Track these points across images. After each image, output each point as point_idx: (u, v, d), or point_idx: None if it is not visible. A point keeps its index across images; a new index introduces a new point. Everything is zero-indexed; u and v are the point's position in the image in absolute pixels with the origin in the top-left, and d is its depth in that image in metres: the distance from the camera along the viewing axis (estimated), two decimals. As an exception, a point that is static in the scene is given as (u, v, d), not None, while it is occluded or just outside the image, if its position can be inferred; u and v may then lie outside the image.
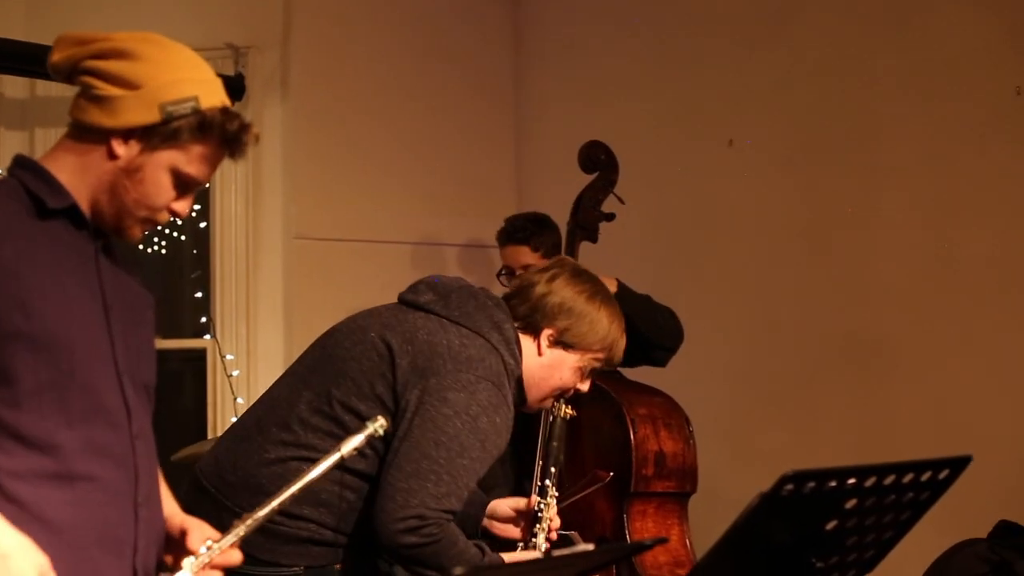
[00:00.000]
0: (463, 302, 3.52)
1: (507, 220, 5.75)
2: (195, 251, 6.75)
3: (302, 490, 2.70)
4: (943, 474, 2.54)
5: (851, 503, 2.45)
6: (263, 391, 6.37)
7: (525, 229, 5.57)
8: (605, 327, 3.55)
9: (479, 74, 7.24)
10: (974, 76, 5.55)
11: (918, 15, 5.74)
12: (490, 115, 7.27)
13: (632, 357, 4.09)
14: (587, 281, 3.61)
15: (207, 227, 6.63)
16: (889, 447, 5.61)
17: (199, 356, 6.55)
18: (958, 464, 2.54)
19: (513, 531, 3.68)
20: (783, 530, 2.45)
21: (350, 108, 6.75)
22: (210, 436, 6.39)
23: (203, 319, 6.55)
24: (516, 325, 3.52)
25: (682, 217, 6.44)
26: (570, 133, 6.77)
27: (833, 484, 2.38)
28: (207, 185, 6.49)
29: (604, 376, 4.56)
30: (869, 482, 2.44)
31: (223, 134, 2.65)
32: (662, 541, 2.94)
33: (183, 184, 2.69)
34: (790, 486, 2.31)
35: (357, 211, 6.70)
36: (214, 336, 6.39)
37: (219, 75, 5.68)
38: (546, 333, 3.52)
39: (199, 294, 6.60)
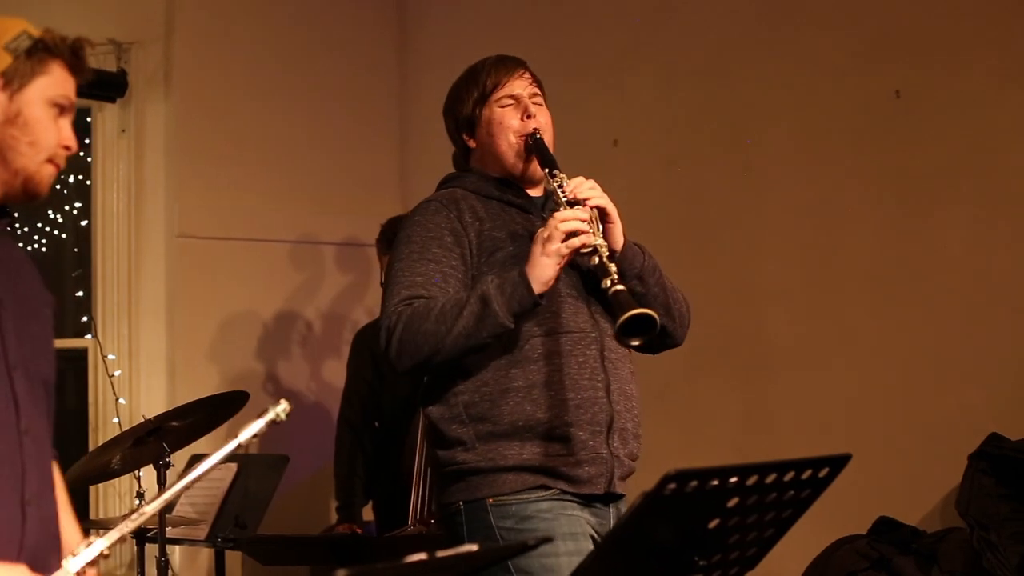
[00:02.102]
0: None
1: (387, 227, 5.73)
2: (76, 249, 6.67)
3: (194, 484, 2.61)
4: (823, 472, 2.56)
5: (733, 501, 2.46)
6: (145, 391, 6.38)
7: None
8: None
9: (364, 72, 7.22)
10: (854, 78, 5.62)
11: (797, 18, 5.81)
12: (374, 113, 7.26)
13: None
14: None
15: (88, 225, 6.55)
16: (771, 445, 5.67)
17: (80, 356, 6.46)
18: (838, 462, 2.56)
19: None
20: (666, 529, 2.46)
21: (233, 105, 6.69)
22: (91, 436, 6.31)
23: (84, 318, 6.46)
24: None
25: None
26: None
27: (715, 483, 2.39)
28: (88, 183, 6.42)
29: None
30: (751, 481, 2.45)
31: (59, 47, 2.71)
32: (547, 540, 2.93)
33: (61, 110, 2.68)
34: (673, 485, 2.32)
35: (241, 209, 6.65)
36: (95, 336, 6.30)
37: (101, 71, 5.62)
38: None
39: (80, 293, 6.52)
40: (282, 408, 2.70)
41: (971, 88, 5.36)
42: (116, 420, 6.14)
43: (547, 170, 3.54)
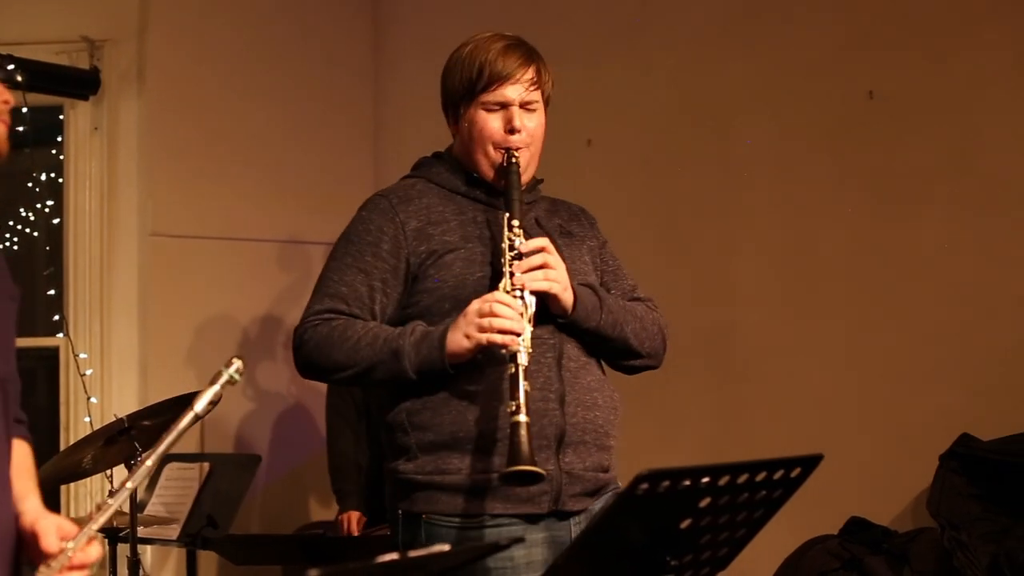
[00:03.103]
0: None
1: None
2: (48, 247, 6.64)
3: (162, 458, 2.59)
4: (795, 472, 2.56)
5: (705, 502, 2.46)
6: (117, 390, 6.36)
7: None
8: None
9: (338, 69, 7.21)
10: (828, 79, 5.64)
11: (771, 18, 5.82)
12: (349, 111, 7.25)
13: None
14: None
15: (60, 223, 6.52)
16: (745, 445, 5.68)
17: (52, 354, 6.44)
18: (810, 463, 2.57)
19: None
20: (638, 529, 2.46)
21: (207, 103, 6.68)
22: (62, 435, 6.29)
23: (56, 317, 6.44)
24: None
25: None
26: (428, 131, 6.73)
27: (687, 483, 2.39)
28: (60, 180, 6.40)
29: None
30: (723, 481, 2.45)
31: None
32: (519, 540, 2.93)
33: None
34: (645, 485, 2.32)
35: (214, 208, 6.64)
36: (67, 334, 6.29)
37: (74, 68, 5.59)
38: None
39: (52, 291, 6.50)
40: (234, 368, 2.62)
41: (944, 89, 5.37)
42: (87, 419, 6.12)
43: (506, 216, 3.36)
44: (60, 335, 6.38)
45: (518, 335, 3.16)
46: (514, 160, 3.45)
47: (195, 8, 6.70)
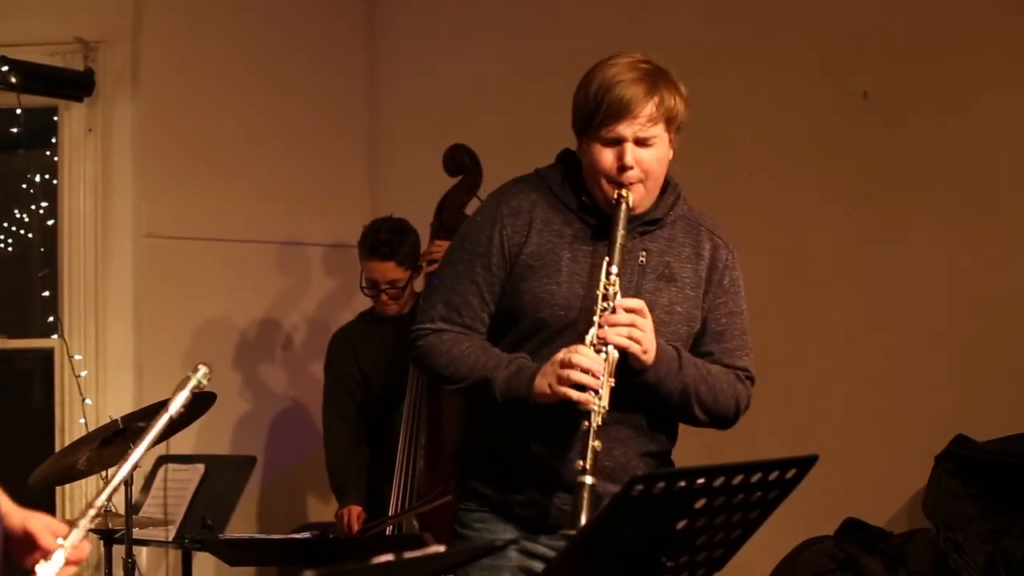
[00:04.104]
0: None
1: (369, 231, 5.66)
2: (43, 249, 6.62)
3: (139, 459, 2.64)
4: (790, 473, 2.57)
5: (701, 503, 2.47)
6: (112, 392, 6.34)
7: (390, 244, 5.53)
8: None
9: (333, 72, 7.19)
10: (822, 80, 5.64)
11: (766, 20, 5.82)
12: (344, 114, 7.23)
13: None
14: None
15: (55, 224, 6.51)
16: (741, 446, 5.68)
17: (47, 356, 6.43)
18: (805, 463, 2.57)
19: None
20: (634, 530, 2.46)
21: (202, 105, 6.66)
22: (57, 437, 6.28)
23: (51, 318, 6.43)
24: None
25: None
26: (423, 133, 6.75)
27: (683, 484, 2.40)
28: (55, 182, 6.40)
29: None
30: (718, 482, 2.46)
31: None
32: (513, 543, 2.94)
33: None
34: (640, 487, 2.32)
35: (208, 209, 6.62)
36: (62, 336, 6.28)
37: (68, 70, 5.60)
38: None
39: (46, 293, 6.48)
40: (202, 373, 2.73)
41: (940, 90, 5.38)
42: (83, 420, 6.11)
43: (605, 262, 3.33)
44: (55, 336, 6.36)
45: (595, 391, 3.18)
46: (623, 200, 3.40)
47: (190, 9, 6.68)
